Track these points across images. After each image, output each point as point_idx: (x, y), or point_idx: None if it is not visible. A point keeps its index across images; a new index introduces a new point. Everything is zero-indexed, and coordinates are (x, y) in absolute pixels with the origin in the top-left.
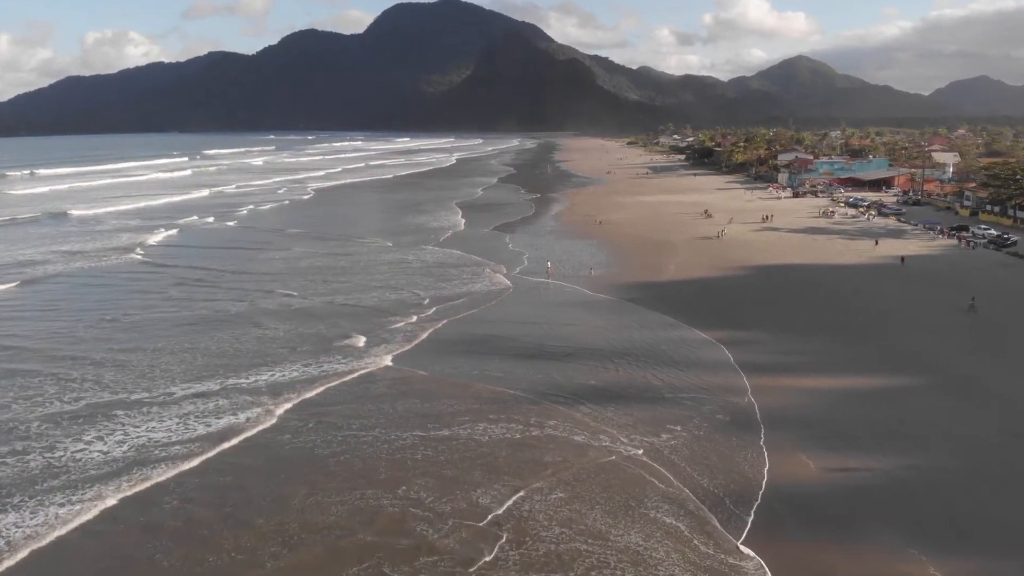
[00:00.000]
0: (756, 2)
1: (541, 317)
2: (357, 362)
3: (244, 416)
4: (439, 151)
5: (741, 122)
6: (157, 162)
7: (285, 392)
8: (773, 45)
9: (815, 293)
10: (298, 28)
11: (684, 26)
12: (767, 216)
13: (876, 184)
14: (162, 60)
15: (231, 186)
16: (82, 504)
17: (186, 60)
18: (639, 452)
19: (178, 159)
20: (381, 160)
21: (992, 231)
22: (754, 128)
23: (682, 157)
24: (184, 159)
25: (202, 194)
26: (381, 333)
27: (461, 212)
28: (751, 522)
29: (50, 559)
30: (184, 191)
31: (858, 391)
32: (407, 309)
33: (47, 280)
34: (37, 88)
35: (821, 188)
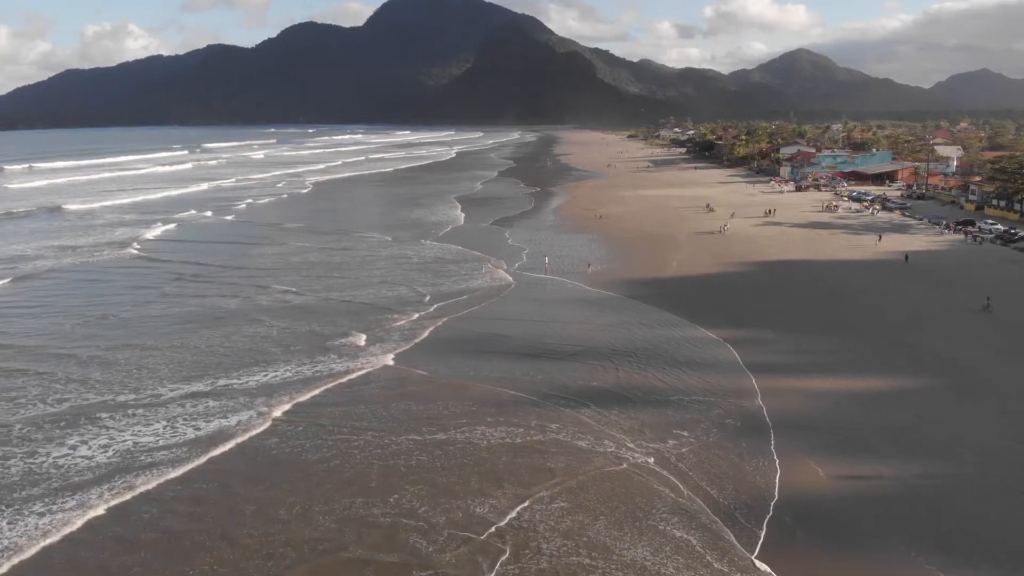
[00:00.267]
0: None
1: (542, 315)
2: (356, 362)
3: (236, 419)
4: (439, 144)
5: (742, 115)
6: (156, 155)
7: (279, 393)
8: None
9: (820, 290)
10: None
11: (685, 19)
12: (769, 210)
13: (879, 178)
14: (161, 53)
15: (230, 180)
16: (63, 514)
17: (185, 53)
18: (647, 460)
19: (178, 152)
20: (381, 154)
21: (999, 226)
22: (755, 121)
23: (683, 150)
24: (184, 152)
25: (201, 188)
26: (381, 331)
27: (460, 206)
28: (763, 536)
29: (27, 574)
30: (183, 185)
31: (868, 393)
32: (407, 306)
33: (38, 276)
34: (36, 81)
35: (824, 182)
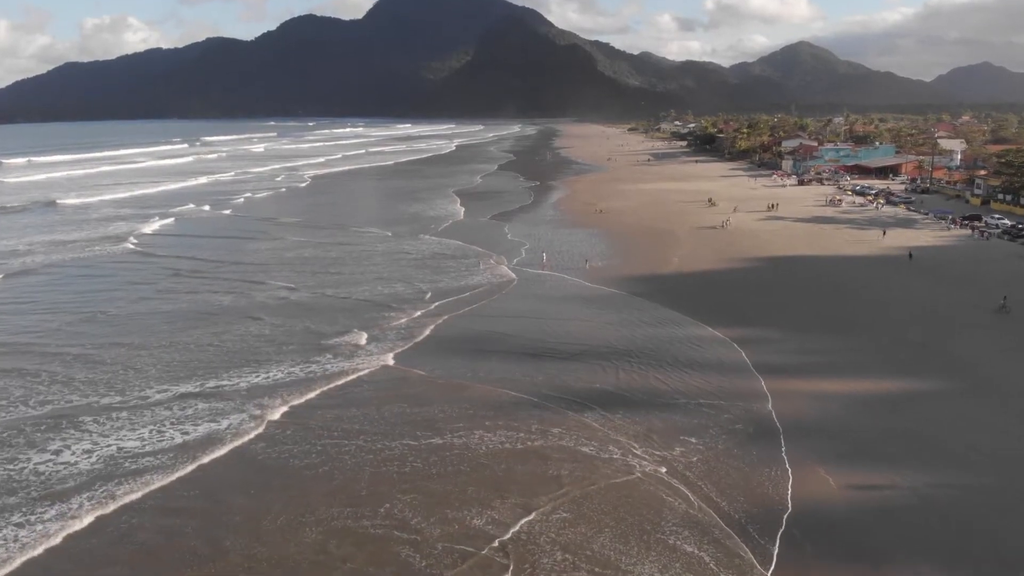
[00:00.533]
0: None
1: (543, 312)
2: (354, 362)
3: (226, 423)
4: (439, 137)
5: (743, 108)
6: (155, 149)
7: (272, 395)
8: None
9: (824, 287)
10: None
11: (685, 12)
12: (772, 205)
13: (883, 171)
14: (160, 46)
15: (229, 173)
16: (43, 525)
17: (184, 46)
18: (656, 468)
19: (178, 146)
20: (381, 147)
21: (1006, 221)
22: (756, 114)
23: (684, 143)
24: (184, 146)
25: (199, 181)
26: (381, 330)
27: (460, 200)
28: (777, 552)
29: None
30: (182, 179)
31: (877, 396)
32: (407, 304)
33: (30, 272)
34: (35, 75)
35: (827, 175)
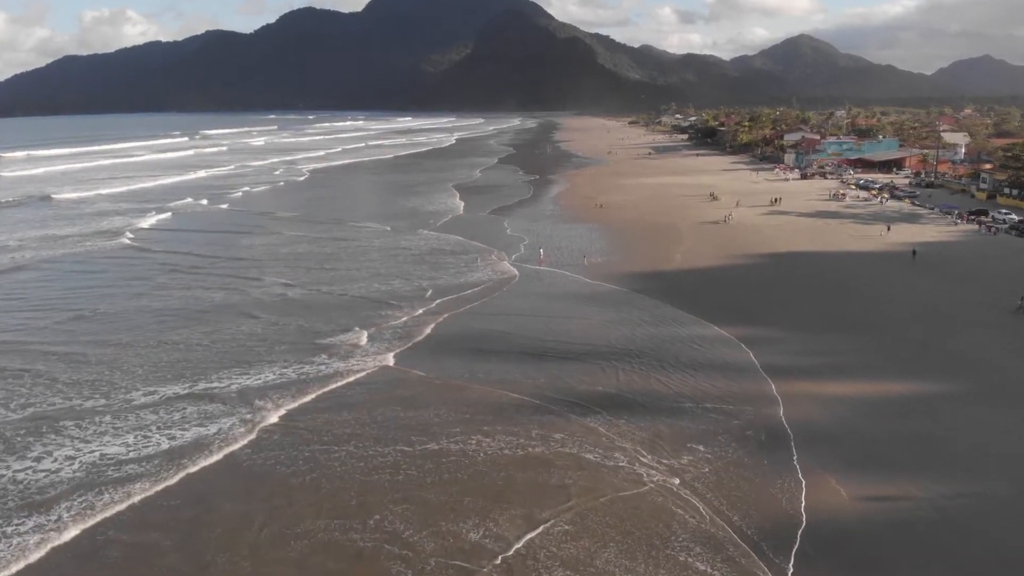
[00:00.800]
0: None
1: (544, 310)
2: (354, 363)
3: (215, 427)
4: (439, 131)
5: (743, 101)
6: (155, 143)
7: (266, 398)
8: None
9: (830, 284)
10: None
11: (686, 4)
12: (775, 199)
13: (886, 165)
14: (159, 39)
15: (229, 167)
16: (20, 538)
17: (183, 39)
18: (665, 479)
19: (177, 139)
20: (381, 140)
21: (1013, 216)
22: (757, 107)
23: (685, 137)
24: (184, 139)
25: (198, 175)
26: (381, 329)
27: (459, 195)
28: (792, 571)
29: None
30: (180, 172)
31: (887, 399)
32: (407, 301)
33: (21, 268)
34: (34, 68)
35: (830, 169)
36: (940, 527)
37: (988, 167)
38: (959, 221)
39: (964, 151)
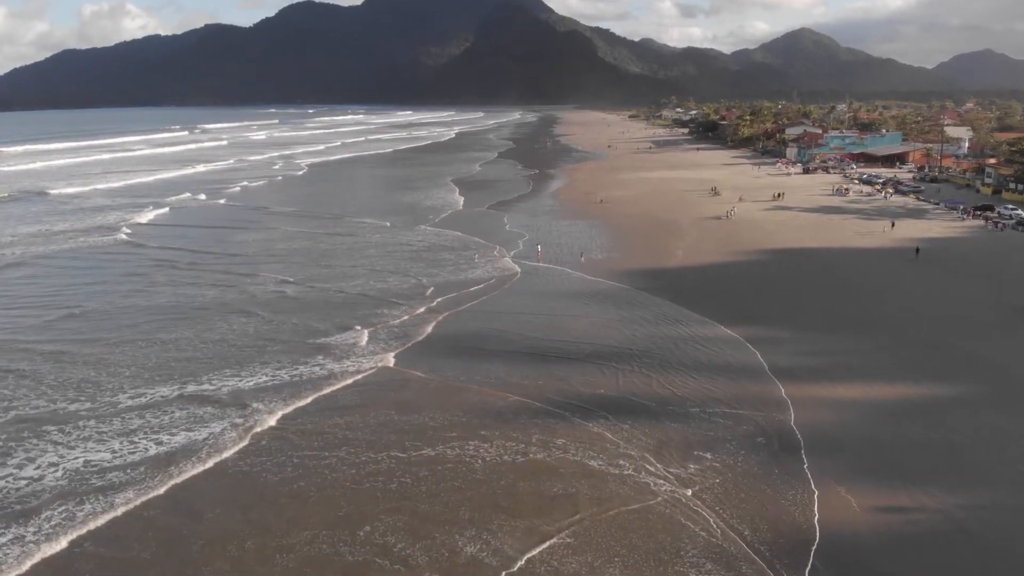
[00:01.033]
0: None
1: (545, 308)
2: (352, 364)
3: (206, 432)
4: (439, 125)
5: (744, 95)
6: (154, 137)
7: (260, 400)
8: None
9: (835, 282)
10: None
11: None
12: (778, 194)
13: (889, 159)
14: (159, 33)
15: (229, 161)
16: None
17: (183, 33)
18: (672, 488)
19: (177, 133)
20: (381, 134)
21: (1020, 211)
22: (758, 101)
23: (685, 131)
24: (184, 133)
25: (197, 170)
26: (381, 328)
27: (458, 190)
28: None
29: None
30: (179, 167)
31: (897, 403)
32: (407, 299)
33: (12, 265)
34: (33, 62)
35: (832, 163)
36: (956, 541)
37: (993, 162)
38: (965, 216)
39: (967, 145)
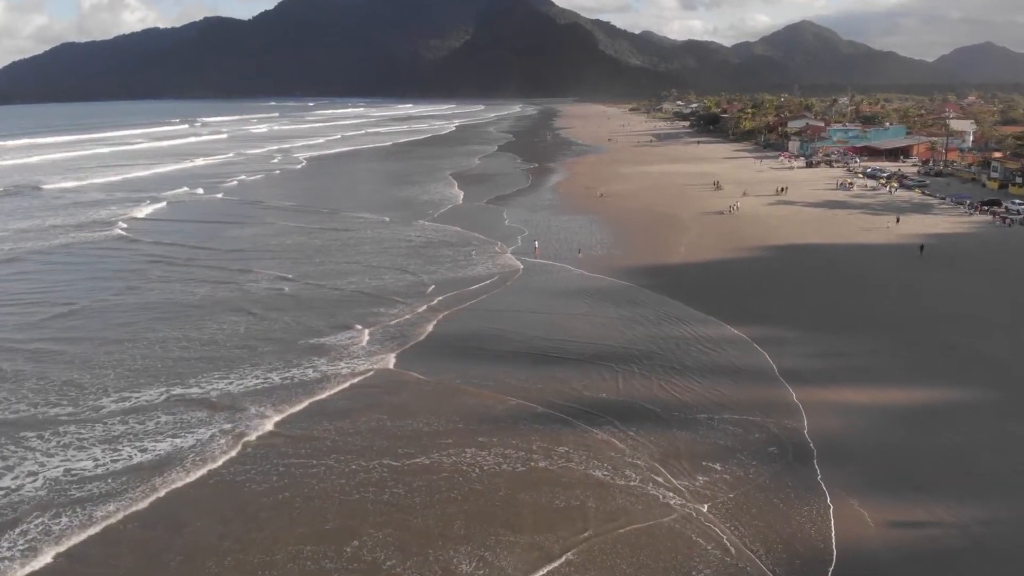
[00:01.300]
0: None
1: (548, 307)
2: (352, 365)
3: (192, 439)
4: (439, 118)
5: (745, 88)
6: (153, 130)
7: (252, 405)
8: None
9: (841, 279)
10: None
11: None
12: (781, 188)
13: (893, 153)
14: (158, 26)
15: (228, 154)
16: None
17: (182, 25)
18: (681, 502)
19: (176, 127)
20: (381, 127)
21: None
22: (759, 94)
23: (686, 124)
24: (184, 126)
25: (197, 163)
26: (379, 328)
27: (457, 184)
28: None
29: None
30: (179, 160)
31: (909, 409)
32: (407, 297)
33: (3, 261)
34: (33, 55)
35: (836, 157)
36: (975, 558)
37: (998, 155)
38: (972, 212)
39: (971, 139)
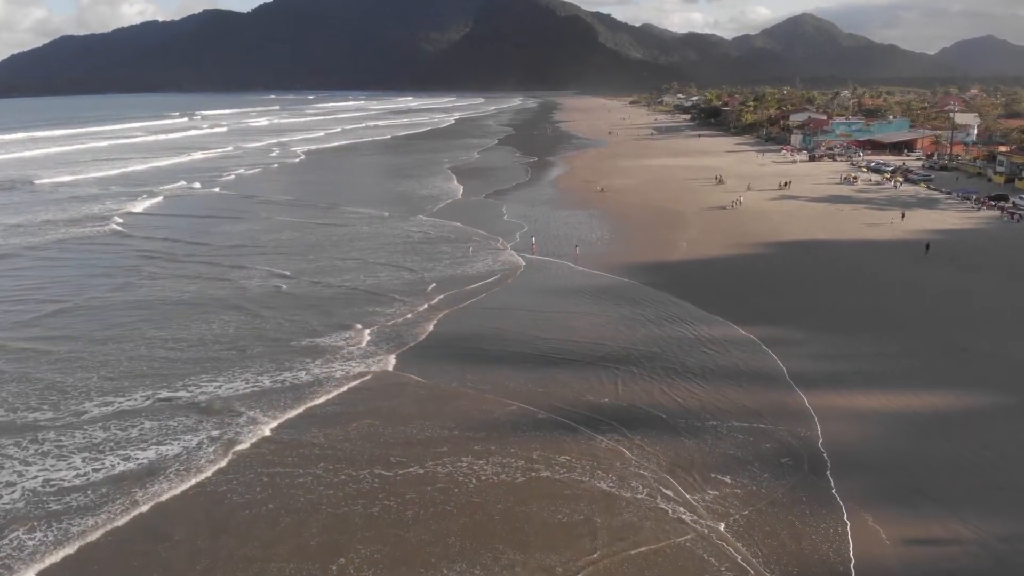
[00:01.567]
0: None
1: (548, 305)
2: (350, 367)
3: (178, 447)
4: (439, 111)
5: (746, 81)
6: (154, 123)
7: (245, 409)
8: (778, 2)
9: (848, 277)
10: None
11: None
12: (784, 182)
13: (896, 147)
14: (157, 19)
15: (228, 147)
16: None
17: (181, 18)
18: (691, 519)
19: (176, 120)
20: (381, 120)
21: None
22: (760, 87)
23: (687, 117)
24: (184, 120)
25: (195, 157)
26: (379, 328)
27: (457, 178)
28: None
29: None
30: (177, 154)
31: (924, 415)
32: (408, 296)
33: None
34: (32, 48)
35: (839, 151)
36: None
37: (1004, 149)
38: (980, 207)
39: (975, 132)
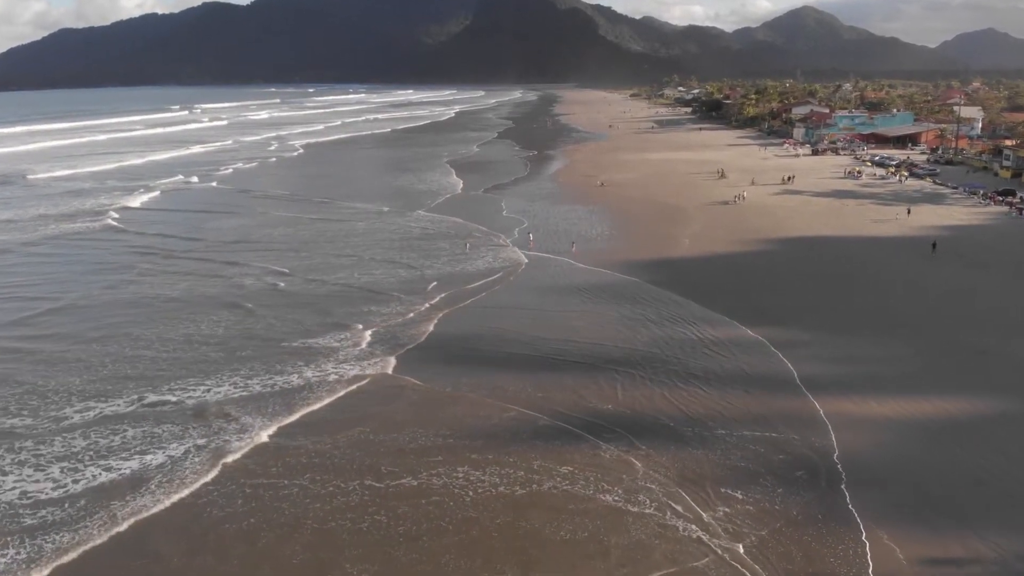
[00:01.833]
0: None
1: (549, 305)
2: (348, 369)
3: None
4: (439, 104)
5: (747, 74)
6: (153, 117)
7: (239, 416)
8: None
9: (854, 275)
10: None
11: None
12: (787, 177)
13: (900, 140)
14: (156, 11)
15: (227, 141)
16: None
17: (180, 11)
18: (702, 537)
19: (175, 113)
20: (381, 114)
21: None
22: (761, 80)
23: (688, 110)
24: (184, 113)
25: (194, 150)
26: (378, 328)
27: (456, 172)
28: None
29: None
30: (176, 147)
31: (938, 422)
32: (408, 295)
33: None
34: (30, 41)
35: (842, 144)
36: None
37: (1011, 143)
38: (987, 202)
39: (980, 126)
